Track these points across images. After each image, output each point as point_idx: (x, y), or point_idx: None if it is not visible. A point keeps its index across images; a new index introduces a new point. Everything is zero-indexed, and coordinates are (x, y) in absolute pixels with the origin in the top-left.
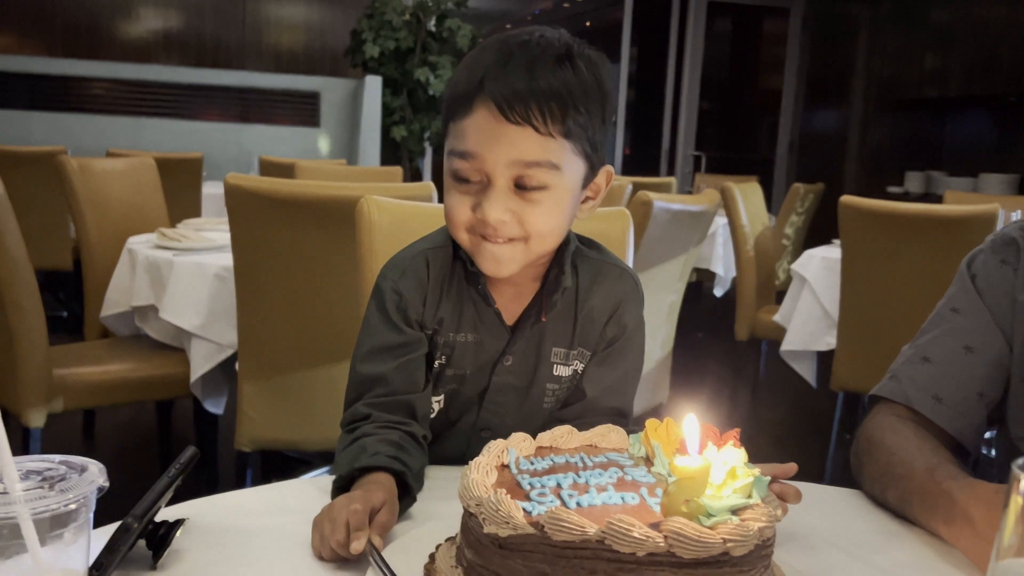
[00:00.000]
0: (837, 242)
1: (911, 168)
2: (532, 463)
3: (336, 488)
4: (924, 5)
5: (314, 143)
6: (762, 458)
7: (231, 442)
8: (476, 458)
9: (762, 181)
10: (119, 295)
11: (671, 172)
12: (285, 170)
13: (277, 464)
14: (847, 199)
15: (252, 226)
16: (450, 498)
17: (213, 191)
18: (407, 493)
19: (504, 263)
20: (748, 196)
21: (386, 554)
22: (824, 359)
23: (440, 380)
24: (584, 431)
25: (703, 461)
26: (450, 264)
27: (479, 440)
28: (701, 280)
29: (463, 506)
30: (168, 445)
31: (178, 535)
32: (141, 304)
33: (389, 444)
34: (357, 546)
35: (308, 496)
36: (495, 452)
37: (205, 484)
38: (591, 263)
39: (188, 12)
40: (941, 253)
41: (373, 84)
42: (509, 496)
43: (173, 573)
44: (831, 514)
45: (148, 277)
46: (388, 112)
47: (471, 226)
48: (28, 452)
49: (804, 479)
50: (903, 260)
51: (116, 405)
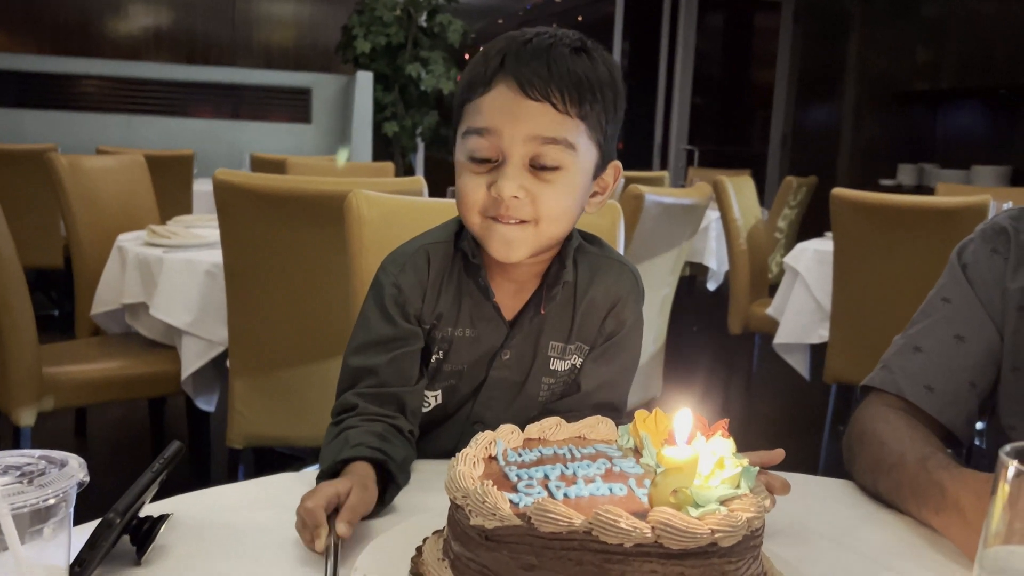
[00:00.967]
0: (829, 235)
1: (904, 161)
2: (520, 455)
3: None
4: None
5: (306, 139)
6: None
7: (223, 439)
8: (463, 450)
9: (755, 175)
10: (110, 293)
11: (664, 166)
12: (276, 167)
13: (269, 461)
14: (839, 191)
15: (242, 222)
16: (438, 491)
17: (205, 188)
18: (391, 481)
19: (515, 246)
20: (740, 190)
21: (372, 547)
22: (817, 352)
23: (438, 375)
24: (572, 423)
25: (691, 451)
26: (450, 259)
27: (471, 433)
28: (694, 274)
29: (450, 498)
30: (160, 443)
31: (162, 530)
32: (132, 302)
33: (372, 435)
34: (319, 544)
35: (293, 490)
36: (482, 444)
37: (197, 481)
38: (591, 257)
39: (178, 9)
40: (933, 244)
41: (364, 80)
42: (496, 488)
43: (157, 569)
44: (820, 503)
45: (138, 274)
46: (380, 108)
47: (484, 207)
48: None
49: (798, 471)
50: (895, 252)
51: (107, 403)
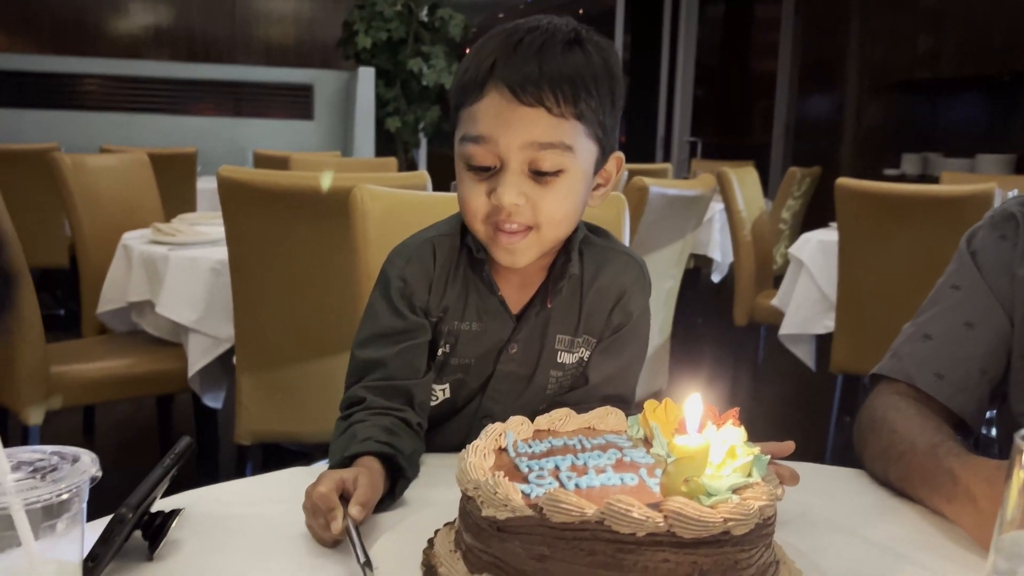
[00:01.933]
0: (834, 225)
1: (907, 150)
2: (530, 446)
3: None
4: None
5: (308, 136)
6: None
7: (231, 436)
8: (474, 441)
9: (758, 166)
10: (115, 291)
11: (667, 159)
12: (279, 163)
13: (276, 457)
14: (843, 181)
15: (246, 219)
16: (448, 485)
17: (207, 186)
18: (401, 475)
19: (518, 255)
20: (744, 181)
21: (384, 540)
22: (823, 342)
23: (445, 369)
24: (582, 414)
25: (702, 440)
26: (456, 252)
27: (480, 427)
28: (699, 266)
29: (461, 490)
30: (168, 440)
31: (173, 525)
32: (137, 300)
33: (380, 429)
34: (336, 526)
35: (303, 485)
36: (493, 435)
37: (205, 478)
38: (597, 250)
39: (178, 6)
40: (938, 233)
41: (366, 75)
42: (507, 478)
43: (169, 564)
44: (831, 492)
45: (144, 272)
46: (381, 104)
47: (487, 214)
48: None
49: (804, 461)
50: (900, 241)
51: (115, 401)
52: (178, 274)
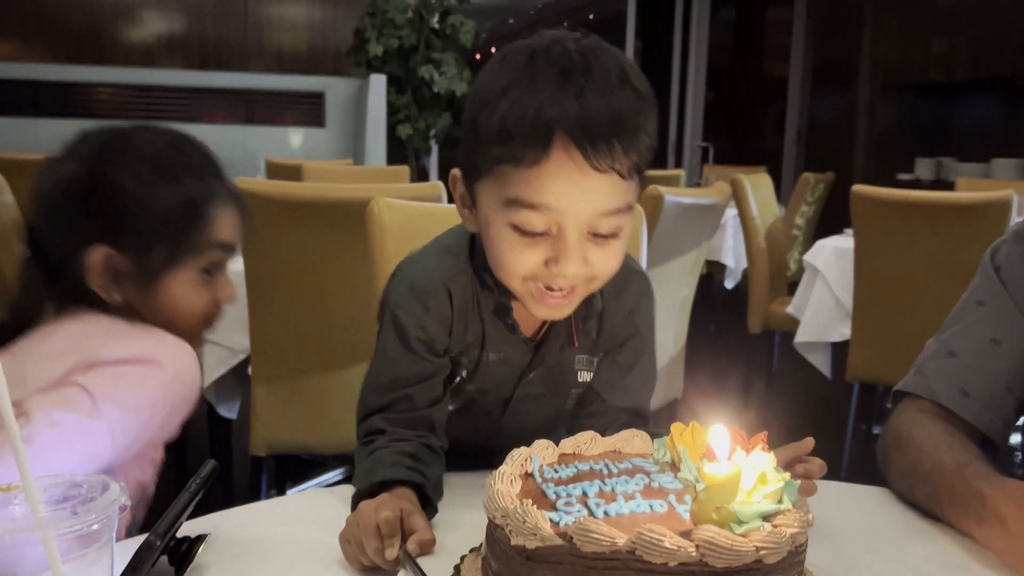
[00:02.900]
0: (849, 231)
1: (921, 154)
2: (556, 471)
3: (356, 503)
4: None
5: (320, 143)
6: None
7: (245, 446)
8: (500, 467)
9: (770, 170)
10: None
11: (679, 164)
12: (292, 172)
13: (292, 467)
14: (859, 188)
15: (261, 229)
16: (471, 506)
17: None
18: (427, 504)
19: (563, 310)
20: (758, 187)
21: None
22: (839, 350)
23: (460, 392)
24: (607, 437)
25: (733, 467)
26: (471, 289)
27: (503, 438)
28: (712, 272)
29: (488, 517)
30: (182, 450)
31: (200, 551)
32: None
33: (406, 456)
34: (391, 553)
35: (327, 505)
36: (518, 460)
37: (220, 488)
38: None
39: (189, 15)
40: (955, 241)
41: (377, 83)
42: (535, 507)
43: None
44: (859, 513)
45: None
46: (393, 111)
47: (534, 276)
48: None
49: (830, 480)
50: (917, 249)
51: None
52: None
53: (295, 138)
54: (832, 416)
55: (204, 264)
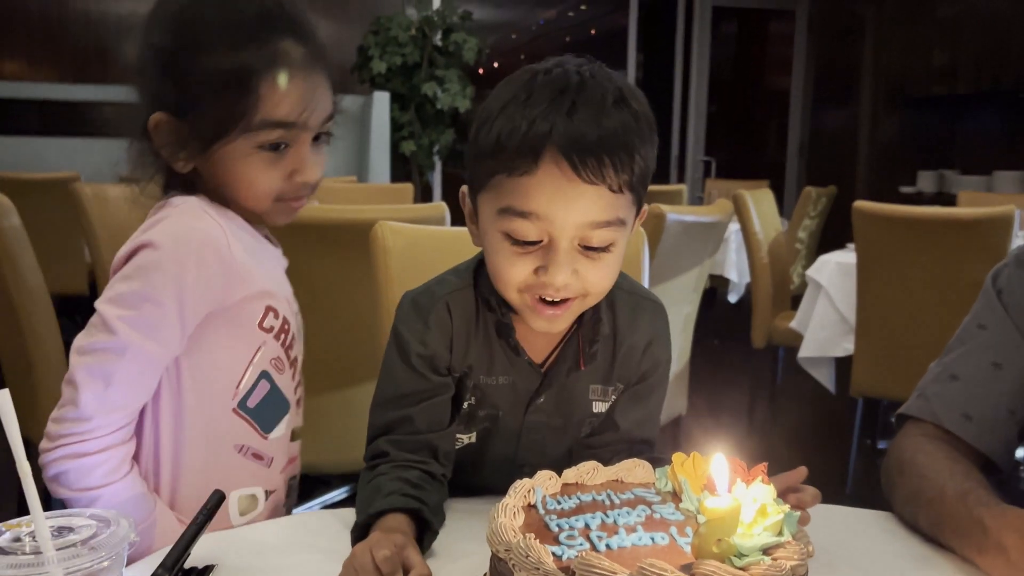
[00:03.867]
0: (851, 246)
1: (923, 167)
2: (559, 502)
3: (355, 537)
4: (929, 1)
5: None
6: (782, 467)
7: None
8: (503, 500)
9: (773, 184)
10: None
11: (681, 178)
12: None
13: (298, 486)
14: (860, 204)
15: None
16: (475, 536)
17: None
18: (427, 528)
19: (558, 323)
20: (760, 202)
21: None
22: (842, 365)
23: (472, 420)
24: (609, 467)
25: (733, 501)
26: (473, 307)
27: (518, 474)
28: (715, 287)
29: (492, 550)
30: None
31: None
32: None
33: (404, 483)
34: None
35: (333, 532)
36: (521, 492)
37: None
38: (627, 297)
39: None
40: (957, 256)
41: (381, 100)
42: (538, 540)
43: None
44: (863, 538)
45: None
46: (397, 127)
47: (528, 287)
48: None
49: (825, 486)
50: (919, 264)
51: None
52: None
53: None
54: (836, 431)
55: (259, 142)
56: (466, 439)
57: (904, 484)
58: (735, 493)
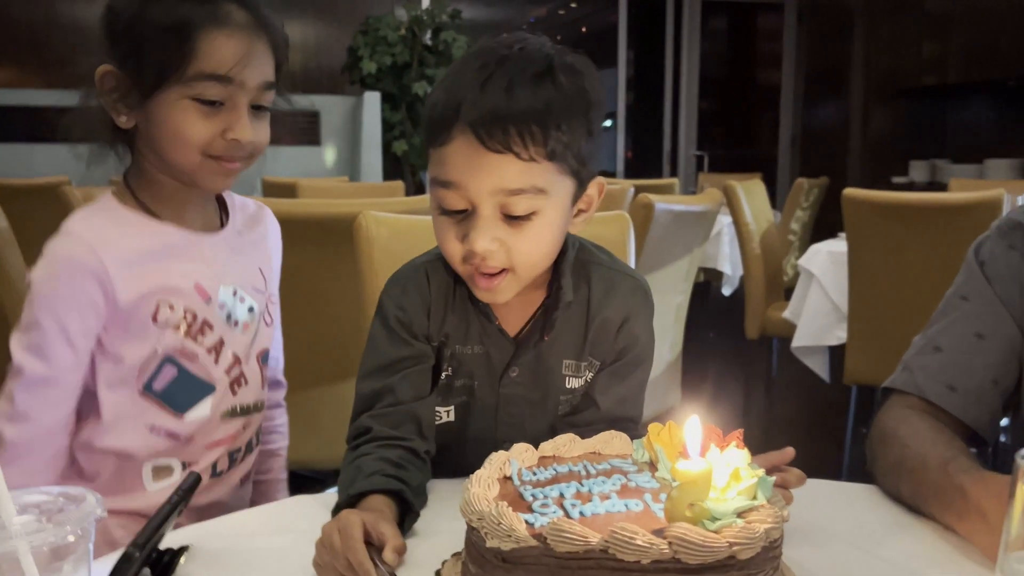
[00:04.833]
0: (842, 235)
1: (915, 157)
2: (535, 473)
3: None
4: None
5: (316, 161)
6: None
7: None
8: (477, 471)
9: (766, 177)
10: None
11: (674, 173)
12: (287, 190)
13: (289, 483)
14: (850, 192)
15: None
16: (455, 514)
17: None
18: (409, 509)
19: (498, 294)
20: (751, 194)
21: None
22: (836, 353)
23: (450, 392)
24: (586, 439)
25: (705, 464)
26: (451, 276)
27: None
28: (709, 280)
29: (465, 520)
30: None
31: (182, 562)
32: None
33: (386, 463)
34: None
35: (311, 514)
36: (497, 464)
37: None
38: (604, 271)
39: None
40: (948, 241)
41: (372, 100)
42: (511, 508)
43: None
44: (844, 509)
45: None
46: (388, 127)
47: (464, 257)
48: None
49: (821, 474)
50: (910, 250)
51: None
52: None
53: (291, 157)
54: (831, 419)
55: (193, 94)
56: (444, 413)
57: (886, 455)
58: (708, 458)
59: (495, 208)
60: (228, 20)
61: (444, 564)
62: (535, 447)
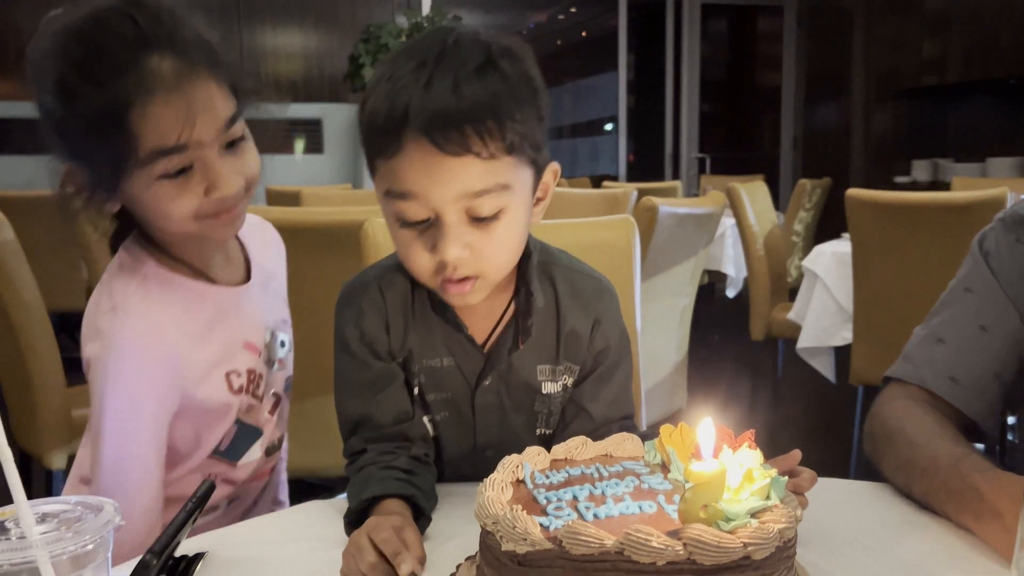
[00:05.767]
0: (846, 236)
1: (917, 157)
2: (548, 476)
3: (348, 522)
4: None
5: (319, 169)
6: None
7: None
8: (491, 475)
9: (768, 179)
10: None
11: (676, 176)
12: (291, 198)
13: (299, 492)
14: (853, 192)
15: None
16: (467, 517)
17: None
18: (421, 515)
19: (471, 297)
20: (754, 195)
21: None
22: (841, 354)
23: (425, 406)
24: (598, 442)
25: (718, 465)
26: (407, 286)
27: (485, 460)
28: (713, 282)
29: (480, 524)
30: None
31: (198, 569)
32: None
33: (395, 469)
34: (405, 569)
35: (325, 520)
36: (509, 467)
37: None
38: (566, 273)
39: None
40: (951, 240)
41: None
42: (525, 512)
43: None
44: (856, 509)
45: None
46: None
47: (433, 269)
48: (52, 494)
49: (829, 474)
50: (914, 249)
51: None
52: None
53: (294, 165)
54: (838, 420)
55: (157, 172)
56: (430, 427)
57: (893, 452)
58: (721, 459)
59: (460, 213)
60: (155, 83)
61: (459, 568)
62: (518, 453)
